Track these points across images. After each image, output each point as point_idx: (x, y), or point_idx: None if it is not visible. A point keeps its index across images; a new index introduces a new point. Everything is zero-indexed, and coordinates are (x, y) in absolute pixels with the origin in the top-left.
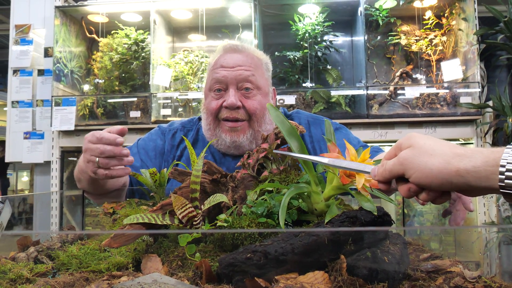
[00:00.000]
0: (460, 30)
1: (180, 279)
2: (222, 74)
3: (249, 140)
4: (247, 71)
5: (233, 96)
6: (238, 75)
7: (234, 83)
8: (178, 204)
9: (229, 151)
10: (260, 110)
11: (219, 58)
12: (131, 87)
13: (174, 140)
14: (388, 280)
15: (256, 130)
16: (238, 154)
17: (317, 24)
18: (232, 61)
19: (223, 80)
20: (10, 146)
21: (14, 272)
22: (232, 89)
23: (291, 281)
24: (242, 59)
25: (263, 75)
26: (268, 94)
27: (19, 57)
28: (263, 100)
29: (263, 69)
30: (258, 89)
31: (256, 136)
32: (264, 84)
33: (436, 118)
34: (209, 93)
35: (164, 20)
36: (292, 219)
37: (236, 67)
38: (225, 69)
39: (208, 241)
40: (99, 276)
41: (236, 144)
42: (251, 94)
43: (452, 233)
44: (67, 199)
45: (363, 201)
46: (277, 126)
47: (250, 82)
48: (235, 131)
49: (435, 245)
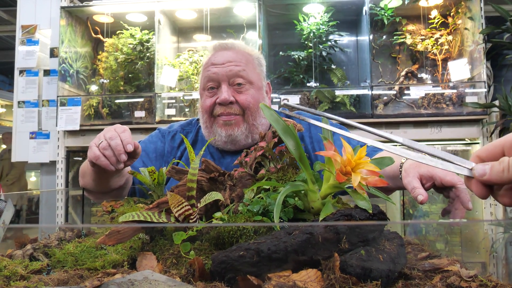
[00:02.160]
0: (466, 29)
1: (173, 276)
2: (213, 71)
3: (244, 134)
4: (238, 67)
5: (226, 92)
6: (228, 71)
7: (225, 79)
8: (175, 202)
9: (226, 146)
10: (254, 104)
11: (210, 57)
12: (136, 87)
13: (174, 142)
14: (381, 279)
15: (251, 124)
16: (235, 150)
17: (322, 24)
18: (222, 58)
19: (214, 77)
20: (16, 146)
21: (9, 269)
22: (224, 85)
23: (284, 279)
24: (232, 56)
25: (254, 70)
26: (262, 88)
27: (25, 57)
28: (256, 94)
29: (255, 64)
30: (251, 83)
31: (251, 130)
32: (257, 79)
33: (441, 118)
34: (203, 92)
35: (169, 20)
36: (288, 217)
37: (226, 63)
38: (216, 66)
39: (203, 239)
40: (94, 273)
41: (232, 137)
42: (244, 89)
43: (458, 234)
44: (73, 198)
45: (359, 199)
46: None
47: (242, 77)
48: (229, 125)
49: (440, 246)
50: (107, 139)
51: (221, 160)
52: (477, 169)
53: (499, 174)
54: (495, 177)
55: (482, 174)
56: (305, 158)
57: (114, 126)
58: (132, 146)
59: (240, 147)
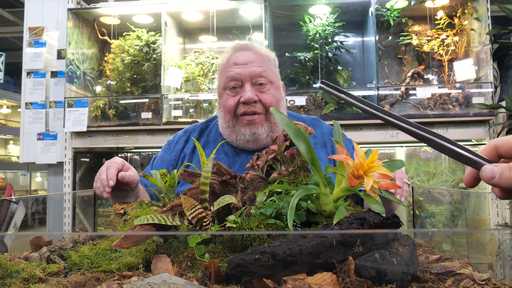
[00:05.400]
0: (473, 30)
1: (189, 279)
2: (236, 72)
3: (266, 133)
4: (260, 67)
5: (250, 91)
6: (252, 71)
7: (248, 79)
8: (188, 205)
9: (247, 145)
10: (275, 103)
11: (231, 57)
12: (142, 89)
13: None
14: (396, 282)
15: (273, 122)
16: (255, 148)
17: (328, 25)
18: (244, 58)
19: (237, 77)
20: (24, 147)
21: (27, 271)
22: (247, 85)
23: (299, 282)
24: (253, 56)
25: (273, 70)
26: (279, 87)
27: (32, 59)
28: (276, 94)
29: (272, 65)
30: (271, 83)
31: (273, 129)
32: (275, 79)
33: (448, 118)
34: (224, 92)
35: (175, 21)
36: (301, 221)
37: (249, 63)
38: (238, 66)
39: (217, 242)
40: (110, 276)
41: (255, 136)
42: (266, 89)
43: (464, 235)
44: (80, 199)
45: (372, 203)
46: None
47: (264, 77)
48: (253, 124)
49: (447, 247)
50: (98, 173)
51: (235, 158)
52: (486, 171)
53: (509, 181)
54: (504, 183)
55: (490, 177)
56: (317, 161)
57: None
58: (113, 182)
59: (261, 146)
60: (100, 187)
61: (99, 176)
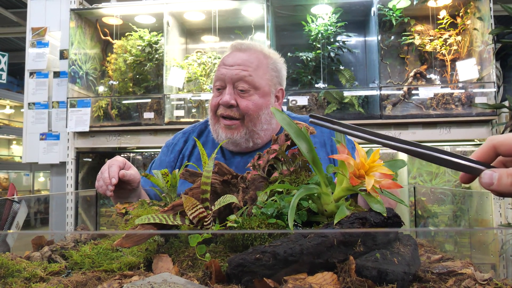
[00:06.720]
0: (475, 29)
1: (190, 279)
2: (222, 72)
3: (244, 138)
4: (244, 71)
5: (228, 95)
6: (234, 74)
7: (230, 82)
8: (189, 205)
9: (228, 147)
10: (254, 111)
11: (224, 57)
12: (144, 89)
13: (178, 146)
14: (397, 282)
15: (251, 129)
16: (239, 151)
17: (330, 25)
18: (233, 60)
19: (222, 78)
20: (27, 147)
21: (28, 271)
22: (229, 88)
23: (300, 282)
24: (243, 58)
25: (264, 75)
26: (269, 94)
27: (35, 59)
28: (259, 101)
29: (267, 69)
30: (256, 89)
31: (252, 135)
32: (264, 84)
33: (450, 118)
34: (214, 90)
35: (177, 21)
36: (302, 220)
37: (235, 66)
38: (225, 67)
39: (218, 241)
40: (111, 275)
41: (232, 140)
42: (247, 94)
43: (467, 235)
44: (82, 199)
45: (373, 203)
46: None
47: (246, 82)
48: (229, 129)
49: (449, 247)
50: (101, 172)
51: (231, 160)
52: (484, 177)
53: (507, 188)
54: (503, 189)
55: (489, 183)
56: (318, 161)
57: (111, 159)
58: (115, 180)
59: (242, 149)
60: (103, 185)
61: (101, 175)
